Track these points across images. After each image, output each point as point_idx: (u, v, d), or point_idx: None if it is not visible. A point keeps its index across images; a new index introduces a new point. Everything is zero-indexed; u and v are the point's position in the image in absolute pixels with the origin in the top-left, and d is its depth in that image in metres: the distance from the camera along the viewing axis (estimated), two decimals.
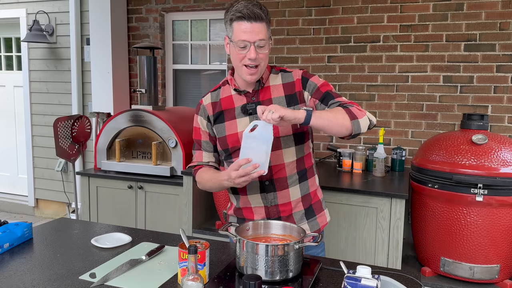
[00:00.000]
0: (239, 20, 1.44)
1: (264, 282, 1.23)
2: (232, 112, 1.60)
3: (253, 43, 1.45)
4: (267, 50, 1.49)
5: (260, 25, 1.45)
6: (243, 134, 1.41)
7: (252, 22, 1.43)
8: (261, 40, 1.45)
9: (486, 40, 3.13)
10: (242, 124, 1.57)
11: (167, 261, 1.45)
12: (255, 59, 1.46)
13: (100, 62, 4.03)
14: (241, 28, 1.44)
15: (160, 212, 3.24)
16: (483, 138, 2.43)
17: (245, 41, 1.45)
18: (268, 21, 1.48)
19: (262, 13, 1.44)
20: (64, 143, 3.58)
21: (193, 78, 4.21)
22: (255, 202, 1.62)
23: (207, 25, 4.08)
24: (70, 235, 1.70)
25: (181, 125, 3.30)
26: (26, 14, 4.61)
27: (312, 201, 1.67)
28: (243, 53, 1.47)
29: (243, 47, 1.46)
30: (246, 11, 1.42)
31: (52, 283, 1.27)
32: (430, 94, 3.31)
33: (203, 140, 1.68)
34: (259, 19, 1.44)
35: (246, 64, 1.48)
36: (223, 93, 1.65)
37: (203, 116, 1.66)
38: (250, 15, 1.42)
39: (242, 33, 1.44)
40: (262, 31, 1.45)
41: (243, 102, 1.59)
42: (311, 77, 1.58)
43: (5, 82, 5.03)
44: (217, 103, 1.64)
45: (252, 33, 1.44)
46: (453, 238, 2.47)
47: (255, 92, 1.58)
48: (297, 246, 1.27)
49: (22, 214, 4.98)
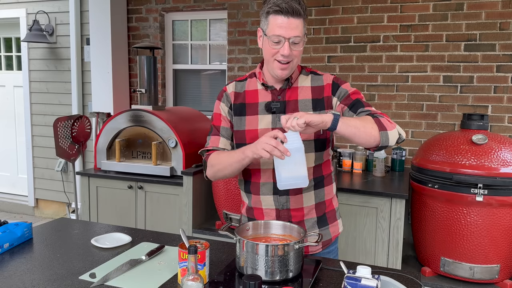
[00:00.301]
0: (276, 14, 1.39)
1: (264, 282, 1.23)
2: (255, 107, 1.55)
3: (287, 39, 1.39)
4: (301, 48, 1.44)
5: (297, 21, 1.39)
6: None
7: (289, 17, 1.38)
8: (297, 36, 1.40)
9: (486, 40, 3.13)
10: (263, 122, 1.52)
11: (167, 261, 1.45)
12: (288, 56, 1.41)
13: (100, 62, 4.03)
14: (277, 22, 1.39)
15: (160, 212, 3.24)
16: (483, 138, 2.43)
17: (280, 37, 1.39)
18: (306, 17, 1.43)
19: (301, 9, 1.39)
20: (64, 143, 3.58)
21: (193, 78, 4.21)
22: (267, 204, 1.57)
23: (207, 25, 4.08)
24: (70, 235, 1.69)
25: (181, 125, 3.30)
26: (26, 14, 4.61)
27: (326, 209, 1.61)
28: (276, 48, 1.42)
29: (277, 42, 1.41)
30: (284, 5, 1.37)
31: (52, 283, 1.27)
32: (430, 94, 3.31)
33: (222, 126, 1.60)
34: (297, 14, 1.38)
35: (278, 59, 1.43)
36: (248, 85, 1.59)
37: (225, 103, 1.60)
38: (287, 9, 1.37)
39: (277, 28, 1.39)
40: (299, 28, 1.40)
41: (268, 98, 1.54)
42: (342, 84, 1.53)
43: (5, 82, 5.03)
44: (241, 94, 1.58)
45: (288, 29, 1.38)
46: (453, 238, 2.47)
47: (282, 91, 1.53)
48: (297, 246, 1.27)
49: (22, 214, 4.98)
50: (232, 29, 3.82)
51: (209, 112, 4.04)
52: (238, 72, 3.84)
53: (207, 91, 4.19)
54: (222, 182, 3.00)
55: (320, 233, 1.41)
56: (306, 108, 1.50)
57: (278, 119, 1.48)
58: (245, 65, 3.81)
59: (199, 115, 3.78)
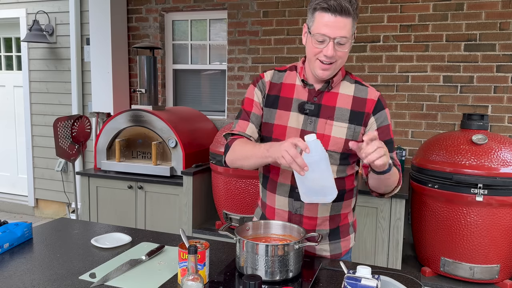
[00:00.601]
0: (323, 11, 1.29)
1: (264, 282, 1.23)
2: (289, 102, 1.46)
3: (333, 39, 1.30)
4: (347, 49, 1.34)
5: (346, 20, 1.29)
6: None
7: (336, 16, 1.28)
8: (343, 37, 1.30)
9: (486, 40, 3.13)
10: (293, 120, 1.44)
11: (167, 261, 1.45)
12: (332, 57, 1.33)
13: (100, 62, 4.03)
14: (323, 20, 1.29)
15: (160, 212, 3.24)
16: (483, 138, 2.43)
17: (325, 36, 1.30)
18: (356, 17, 1.32)
19: (351, 7, 1.28)
20: (64, 143, 3.58)
21: (193, 78, 4.21)
22: (280, 204, 1.51)
23: (207, 25, 4.08)
24: (70, 235, 1.69)
25: (181, 125, 3.30)
26: (26, 14, 4.60)
27: (341, 223, 1.54)
28: (320, 47, 1.33)
29: (321, 42, 1.31)
30: (333, 2, 1.27)
31: (52, 283, 1.27)
32: (430, 94, 3.31)
33: (253, 112, 1.50)
34: (346, 13, 1.28)
35: (320, 59, 1.35)
36: (287, 78, 1.50)
37: (261, 90, 1.50)
38: (336, 7, 1.27)
39: (323, 26, 1.30)
40: (346, 27, 1.30)
41: (303, 97, 1.45)
42: (385, 107, 1.45)
43: (5, 82, 5.03)
44: (277, 85, 1.50)
45: (334, 28, 1.29)
46: (453, 238, 2.47)
47: (320, 93, 1.44)
48: (297, 246, 1.27)
49: (22, 214, 4.98)
50: (232, 29, 3.83)
51: (209, 112, 4.04)
52: (238, 72, 3.85)
53: (207, 91, 4.19)
54: (222, 182, 3.00)
55: (320, 234, 1.40)
56: (342, 117, 1.42)
57: (310, 121, 1.43)
58: (245, 65, 3.81)
59: (199, 115, 3.78)
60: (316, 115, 1.43)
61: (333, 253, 1.53)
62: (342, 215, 1.53)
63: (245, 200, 2.93)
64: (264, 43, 3.73)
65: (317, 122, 1.43)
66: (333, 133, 1.41)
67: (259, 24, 3.73)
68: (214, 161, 3.03)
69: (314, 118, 1.43)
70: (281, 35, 3.67)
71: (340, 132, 1.41)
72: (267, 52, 3.73)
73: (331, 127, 1.42)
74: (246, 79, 3.83)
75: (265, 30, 3.71)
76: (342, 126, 1.41)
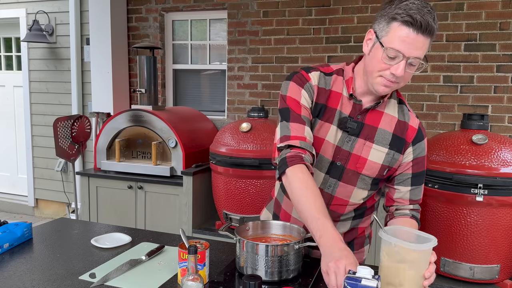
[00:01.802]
0: (404, 24, 1.12)
1: (264, 282, 1.23)
2: (333, 113, 1.30)
3: (406, 58, 1.14)
4: (413, 71, 1.19)
5: (426, 40, 1.14)
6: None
7: (418, 34, 1.12)
8: (417, 58, 1.15)
9: (486, 40, 3.13)
10: (332, 134, 1.31)
11: (167, 261, 1.45)
12: (399, 77, 1.17)
13: (100, 62, 4.03)
14: (401, 34, 1.13)
15: (160, 212, 3.24)
16: (483, 138, 2.43)
17: (399, 52, 1.14)
18: (435, 37, 1.17)
19: (435, 26, 1.13)
20: (64, 143, 3.58)
21: (193, 78, 4.21)
22: (296, 214, 1.43)
23: (207, 25, 4.08)
24: (70, 235, 1.69)
25: (181, 125, 3.30)
26: (26, 14, 4.60)
27: (357, 235, 1.47)
28: (389, 63, 1.16)
29: (392, 58, 1.15)
30: (419, 17, 1.10)
31: (52, 283, 1.26)
32: (430, 94, 3.31)
33: (303, 115, 1.29)
34: (428, 33, 1.13)
35: (386, 77, 1.19)
36: (334, 85, 1.32)
37: (308, 93, 1.31)
38: (421, 23, 1.11)
39: (399, 41, 1.13)
40: (424, 48, 1.15)
41: (347, 110, 1.30)
42: (425, 137, 1.36)
43: (5, 82, 5.03)
44: (325, 92, 1.32)
45: (412, 46, 1.13)
46: (453, 238, 2.47)
47: (364, 111, 1.30)
48: (297, 246, 1.27)
49: (22, 214, 4.97)
50: (232, 29, 3.82)
51: (209, 112, 4.04)
52: (238, 72, 3.84)
53: (207, 91, 4.19)
54: (222, 182, 3.00)
55: None
56: (382, 141, 1.30)
57: (348, 140, 1.30)
58: (245, 65, 3.81)
59: (199, 115, 3.78)
60: (356, 135, 1.30)
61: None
62: (359, 229, 1.47)
63: (245, 200, 2.93)
64: (264, 43, 3.73)
65: (355, 142, 1.30)
66: (370, 156, 1.30)
67: (259, 24, 3.73)
68: (214, 161, 3.03)
69: (353, 138, 1.30)
70: (281, 35, 3.67)
71: (378, 156, 1.30)
72: (267, 52, 3.73)
73: (369, 150, 1.30)
74: (246, 79, 3.83)
75: (265, 30, 3.71)
76: (381, 150, 1.30)
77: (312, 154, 1.27)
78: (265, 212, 1.62)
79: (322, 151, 1.32)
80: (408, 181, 1.35)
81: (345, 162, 1.32)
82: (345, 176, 1.32)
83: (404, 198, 1.37)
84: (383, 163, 1.31)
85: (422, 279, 1.10)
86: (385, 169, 1.32)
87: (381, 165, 1.31)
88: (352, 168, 1.32)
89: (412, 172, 1.35)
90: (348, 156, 1.31)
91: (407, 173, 1.35)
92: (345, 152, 1.32)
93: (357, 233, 1.48)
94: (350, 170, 1.32)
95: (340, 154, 1.32)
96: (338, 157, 1.32)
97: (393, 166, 1.33)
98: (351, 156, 1.31)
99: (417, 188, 1.37)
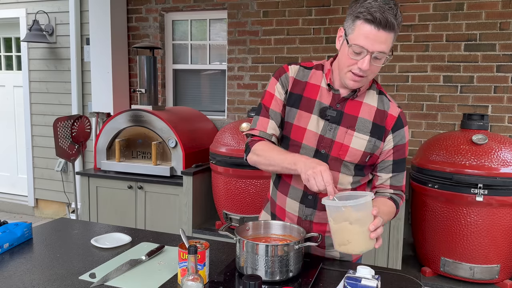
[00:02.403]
0: (366, 22, 1.22)
1: (264, 282, 1.23)
2: (312, 104, 1.40)
3: (370, 53, 1.24)
4: (380, 65, 1.29)
5: (388, 35, 1.23)
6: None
7: (379, 29, 1.22)
8: (381, 52, 1.25)
9: (486, 40, 3.13)
10: (313, 124, 1.40)
11: (167, 261, 1.45)
12: (366, 71, 1.27)
13: (100, 62, 4.03)
14: (364, 31, 1.23)
15: (160, 212, 3.24)
16: (483, 138, 2.43)
17: (363, 48, 1.24)
18: (397, 32, 1.26)
19: (395, 22, 1.23)
20: (64, 143, 3.58)
21: (193, 78, 4.21)
22: (291, 208, 1.48)
23: (207, 25, 4.08)
24: (70, 235, 1.69)
25: (181, 125, 3.30)
26: (26, 14, 4.60)
27: None
28: (355, 59, 1.27)
29: (358, 53, 1.25)
30: (379, 15, 1.20)
31: (52, 283, 1.26)
32: (430, 94, 3.31)
33: (272, 108, 1.44)
34: (389, 28, 1.22)
35: (353, 71, 1.29)
36: (312, 78, 1.43)
37: (282, 86, 1.44)
38: (381, 21, 1.21)
39: (363, 38, 1.23)
40: (387, 43, 1.24)
41: (327, 101, 1.40)
42: (405, 125, 1.43)
43: (5, 82, 5.03)
44: (302, 83, 1.43)
45: (375, 42, 1.23)
46: (453, 238, 2.47)
47: (343, 100, 1.39)
48: (297, 246, 1.27)
49: (22, 214, 4.97)
50: (232, 29, 3.82)
51: (209, 112, 4.04)
52: (238, 72, 3.84)
53: (207, 91, 4.19)
54: (222, 182, 3.00)
55: (320, 234, 1.40)
56: (363, 129, 1.38)
57: (330, 128, 1.39)
58: (245, 65, 3.81)
59: (199, 115, 3.79)
60: (337, 123, 1.39)
61: (344, 259, 1.51)
62: None
63: (245, 200, 2.93)
64: (264, 43, 3.73)
65: (337, 130, 1.38)
66: (352, 144, 1.38)
67: (259, 24, 3.73)
68: (214, 161, 3.03)
69: (335, 126, 1.38)
70: (281, 35, 3.67)
71: (359, 143, 1.38)
72: (267, 52, 3.73)
73: (351, 137, 1.38)
74: (246, 79, 3.83)
75: (265, 30, 3.71)
76: (362, 137, 1.38)
77: (272, 142, 1.44)
78: (263, 214, 1.64)
79: (305, 140, 1.41)
80: (389, 168, 1.43)
81: (329, 150, 1.39)
82: (330, 163, 1.37)
83: (385, 184, 1.45)
84: (365, 150, 1.39)
85: (368, 233, 1.19)
86: (367, 156, 1.39)
87: (363, 152, 1.39)
88: (335, 155, 1.39)
89: (393, 159, 1.42)
90: (331, 143, 1.39)
91: (388, 160, 1.42)
92: (328, 140, 1.39)
93: None
94: (333, 157, 1.39)
95: (323, 142, 1.40)
96: (322, 145, 1.40)
97: (375, 153, 1.40)
98: (334, 144, 1.39)
99: (398, 175, 1.44)
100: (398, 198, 1.45)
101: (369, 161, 1.41)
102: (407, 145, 1.45)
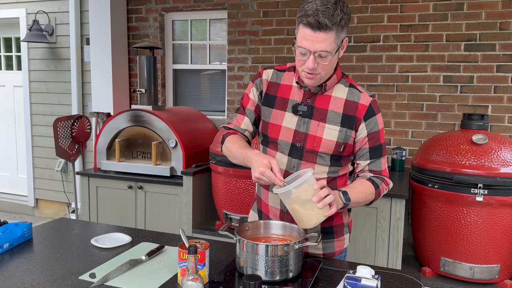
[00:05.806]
0: (304, 26, 1.32)
1: (264, 282, 1.23)
2: (285, 102, 1.50)
3: (313, 53, 1.32)
4: (327, 62, 1.34)
5: (325, 35, 1.30)
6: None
7: (315, 31, 1.30)
8: (323, 51, 1.31)
9: (486, 40, 3.13)
10: (288, 120, 1.49)
11: (167, 261, 1.45)
12: (313, 69, 1.35)
13: (100, 62, 4.03)
14: (304, 34, 1.32)
15: (160, 212, 3.24)
16: (483, 138, 2.43)
17: (305, 49, 1.33)
18: (340, 29, 1.32)
19: (329, 22, 1.28)
20: (64, 143, 3.58)
21: (193, 78, 4.21)
22: (272, 202, 1.54)
23: (207, 25, 4.08)
24: (70, 235, 1.69)
25: (181, 125, 3.30)
26: (26, 14, 4.60)
27: (334, 222, 1.54)
28: (303, 59, 1.36)
29: (303, 54, 1.35)
30: (311, 19, 1.28)
31: (52, 283, 1.27)
32: (430, 94, 3.31)
33: (247, 107, 1.58)
34: (324, 28, 1.29)
35: (304, 70, 1.38)
36: (285, 79, 1.54)
37: (257, 88, 1.57)
38: (313, 24, 1.28)
39: (303, 40, 1.33)
40: (326, 41, 1.30)
41: (299, 98, 1.49)
42: (377, 113, 1.47)
43: (5, 82, 5.03)
44: (275, 85, 1.54)
45: (313, 42, 1.31)
46: (453, 238, 2.47)
47: (313, 95, 1.47)
48: (297, 246, 1.27)
49: (22, 214, 4.98)
50: (232, 29, 3.82)
51: (209, 112, 4.04)
52: (238, 72, 3.85)
53: (207, 91, 4.19)
54: (222, 182, 3.00)
55: (320, 234, 1.40)
56: (334, 121, 1.45)
57: (303, 122, 1.46)
58: (245, 65, 3.81)
59: (199, 115, 3.79)
60: (309, 117, 1.47)
61: (326, 252, 1.54)
62: (335, 215, 1.48)
63: (245, 200, 2.93)
64: (264, 43, 3.73)
65: (310, 123, 1.46)
66: (324, 135, 1.45)
67: (259, 24, 3.73)
68: (214, 161, 3.03)
69: (307, 120, 1.46)
70: (281, 35, 3.67)
71: (331, 134, 1.44)
72: (267, 52, 3.73)
73: (323, 129, 1.45)
74: (246, 79, 3.83)
75: (265, 30, 3.71)
76: (334, 129, 1.44)
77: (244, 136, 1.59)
78: (251, 213, 1.68)
79: (281, 136, 1.50)
80: (366, 155, 1.48)
81: (304, 143, 1.47)
82: (305, 155, 1.47)
83: (365, 169, 1.51)
84: (337, 140, 1.45)
85: (315, 205, 1.27)
86: (341, 146, 1.45)
87: (336, 142, 1.45)
88: (310, 148, 1.46)
89: (369, 147, 1.48)
90: (305, 137, 1.46)
91: (364, 148, 1.48)
92: (302, 134, 1.47)
93: (333, 219, 1.53)
94: (308, 149, 1.47)
95: (298, 136, 1.48)
96: (297, 139, 1.48)
97: (348, 142, 1.47)
98: (308, 137, 1.46)
99: (376, 161, 1.49)
100: (379, 180, 1.49)
101: (344, 151, 1.48)
102: (382, 131, 1.50)
